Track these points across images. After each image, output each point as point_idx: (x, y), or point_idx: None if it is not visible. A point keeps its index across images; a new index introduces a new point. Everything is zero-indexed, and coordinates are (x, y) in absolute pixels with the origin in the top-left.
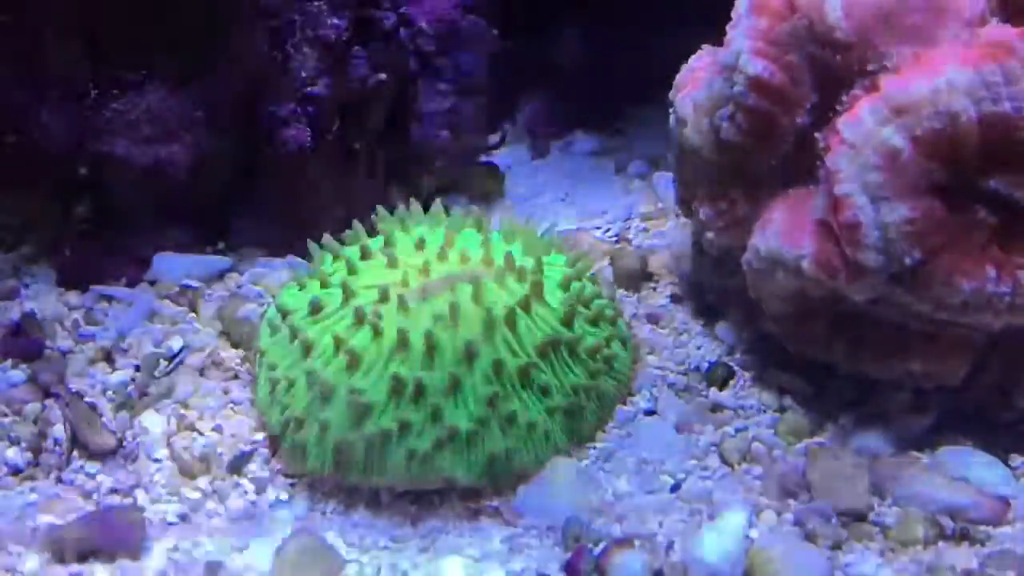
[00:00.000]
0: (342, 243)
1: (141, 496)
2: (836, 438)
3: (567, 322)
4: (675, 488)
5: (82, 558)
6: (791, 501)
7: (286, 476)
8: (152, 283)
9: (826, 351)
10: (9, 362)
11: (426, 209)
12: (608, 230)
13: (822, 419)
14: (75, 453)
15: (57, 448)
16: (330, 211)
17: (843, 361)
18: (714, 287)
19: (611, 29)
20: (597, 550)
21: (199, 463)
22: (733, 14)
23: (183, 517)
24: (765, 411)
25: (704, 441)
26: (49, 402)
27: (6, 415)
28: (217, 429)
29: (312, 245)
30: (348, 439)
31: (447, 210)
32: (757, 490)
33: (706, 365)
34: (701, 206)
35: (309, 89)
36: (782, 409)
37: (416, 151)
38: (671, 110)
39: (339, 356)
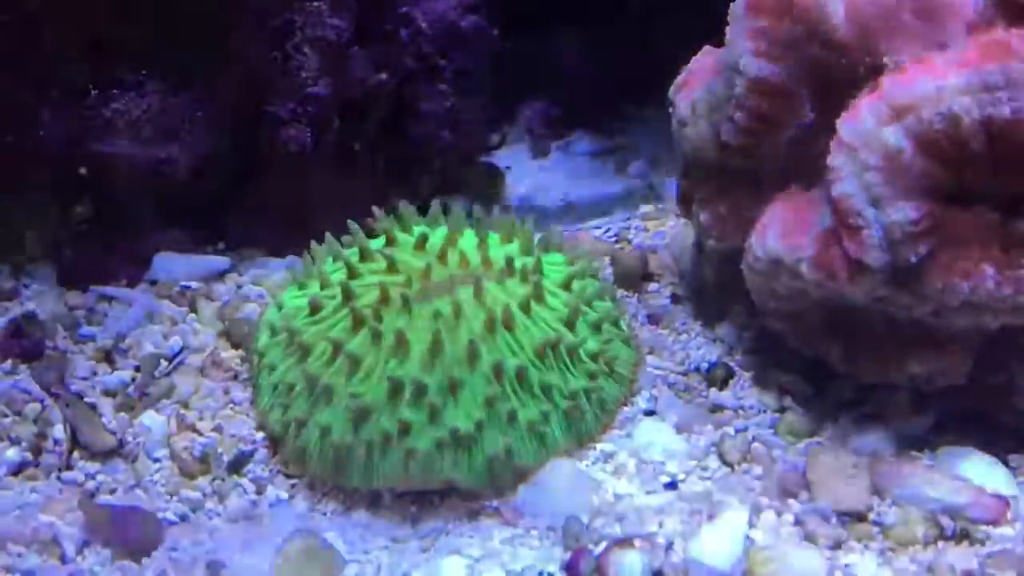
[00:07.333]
0: (342, 244)
1: (141, 496)
2: (836, 438)
3: (570, 323)
4: (671, 486)
5: (88, 541)
6: (791, 501)
7: (286, 476)
8: (152, 283)
9: (825, 353)
10: (9, 362)
11: (426, 209)
12: (608, 230)
13: (822, 419)
14: (75, 453)
15: (57, 448)
16: (330, 211)
17: (840, 364)
18: (714, 287)
19: (611, 29)
20: (597, 550)
21: (199, 463)
22: (730, 15)
23: (183, 517)
24: (765, 411)
25: (704, 441)
26: (49, 402)
27: (6, 415)
28: (217, 429)
29: (314, 246)
30: (348, 442)
31: (447, 210)
32: (757, 490)
33: (706, 365)
34: (701, 206)
35: (309, 89)
36: (782, 409)
37: (416, 151)
38: (670, 110)
39: (338, 359)
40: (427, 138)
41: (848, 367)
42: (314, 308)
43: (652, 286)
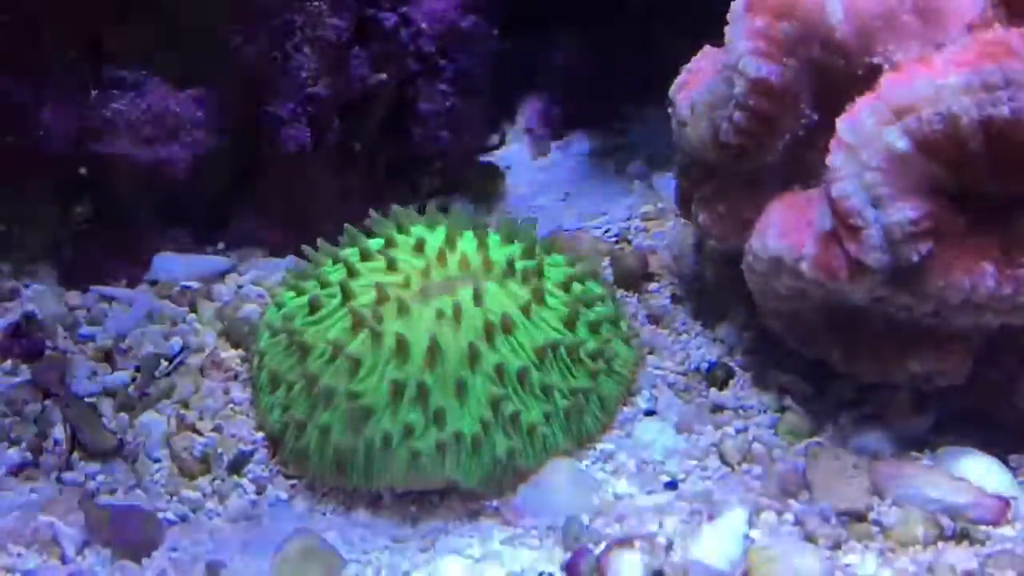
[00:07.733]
0: (338, 246)
1: (141, 496)
2: (836, 438)
3: (569, 324)
4: (671, 486)
5: (88, 541)
6: (791, 501)
7: (286, 476)
8: (152, 283)
9: (825, 353)
10: (9, 362)
11: (425, 209)
12: (608, 230)
13: (822, 419)
14: (75, 453)
15: (57, 448)
16: (330, 211)
17: (841, 364)
18: (714, 287)
19: (611, 29)
20: (597, 550)
21: (199, 463)
22: (730, 15)
23: (183, 517)
24: (765, 411)
25: (704, 441)
26: (49, 402)
27: (6, 415)
28: (217, 429)
29: (308, 250)
30: (348, 443)
31: (446, 211)
32: (757, 490)
33: (706, 365)
34: (701, 206)
35: (309, 89)
36: (782, 409)
37: (416, 151)
38: (670, 110)
39: (338, 359)
40: (427, 138)
41: (848, 367)
42: (314, 307)
43: (652, 286)
